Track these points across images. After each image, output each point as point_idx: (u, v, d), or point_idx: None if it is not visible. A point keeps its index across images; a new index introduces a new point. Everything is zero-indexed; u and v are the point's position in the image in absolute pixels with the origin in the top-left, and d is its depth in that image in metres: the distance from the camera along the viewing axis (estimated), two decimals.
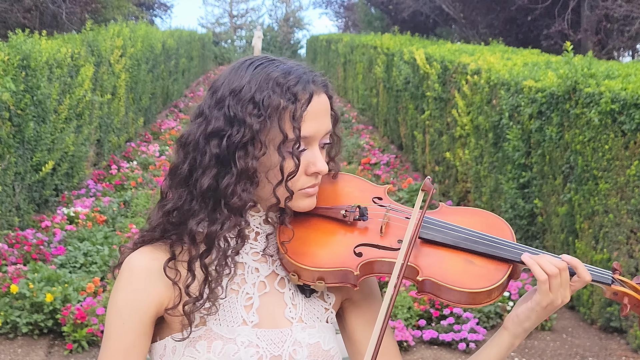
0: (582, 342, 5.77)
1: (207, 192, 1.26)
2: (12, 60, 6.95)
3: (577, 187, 6.01)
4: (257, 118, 1.24)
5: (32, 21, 12.64)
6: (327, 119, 1.31)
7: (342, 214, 1.33)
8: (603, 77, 5.97)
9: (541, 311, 1.31)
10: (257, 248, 1.34)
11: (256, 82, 1.26)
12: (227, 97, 1.26)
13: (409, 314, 5.85)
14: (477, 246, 1.31)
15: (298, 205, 1.31)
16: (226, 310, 1.29)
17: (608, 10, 12.70)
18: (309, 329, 1.32)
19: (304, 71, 1.31)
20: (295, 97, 1.25)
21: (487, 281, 1.28)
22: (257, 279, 1.33)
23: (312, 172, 1.29)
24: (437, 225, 1.34)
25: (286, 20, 37.92)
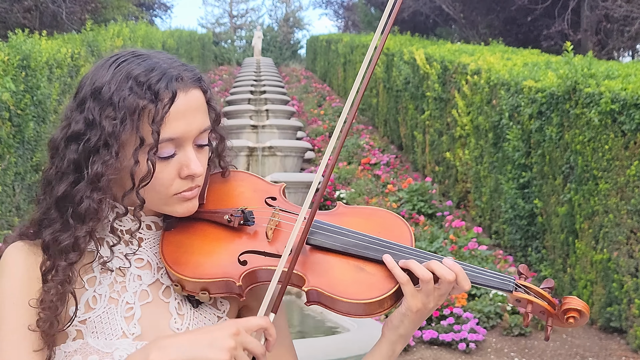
0: (582, 342, 5.77)
1: (61, 199, 1.19)
2: (12, 60, 6.95)
3: (577, 187, 6.01)
4: (112, 120, 1.15)
5: (32, 21, 12.65)
6: (199, 117, 1.21)
7: (227, 219, 1.24)
8: (603, 77, 5.97)
9: (413, 316, 1.22)
10: (141, 254, 1.26)
11: (116, 81, 1.17)
12: (88, 98, 1.19)
13: None
14: (367, 252, 1.21)
15: (176, 211, 1.23)
16: (104, 321, 1.20)
17: (608, 10, 12.70)
18: None
19: (171, 66, 1.21)
20: (156, 97, 1.16)
21: (378, 290, 1.18)
22: (139, 287, 1.24)
23: (186, 174, 1.20)
24: (327, 229, 1.24)
25: (286, 21, 37.93)
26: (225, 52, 33.46)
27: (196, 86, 1.22)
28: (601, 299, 5.80)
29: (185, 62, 1.27)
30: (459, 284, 1.22)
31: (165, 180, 1.20)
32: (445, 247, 7.02)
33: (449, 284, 1.20)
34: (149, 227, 1.28)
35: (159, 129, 1.15)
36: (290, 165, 9.99)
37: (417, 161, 10.90)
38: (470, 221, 8.64)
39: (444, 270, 1.20)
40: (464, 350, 5.62)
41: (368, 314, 1.19)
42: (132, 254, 1.25)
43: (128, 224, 1.26)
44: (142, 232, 1.27)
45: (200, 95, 1.22)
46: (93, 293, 1.22)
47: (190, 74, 1.22)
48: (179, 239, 1.24)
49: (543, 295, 1.24)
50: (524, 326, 1.23)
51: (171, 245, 1.23)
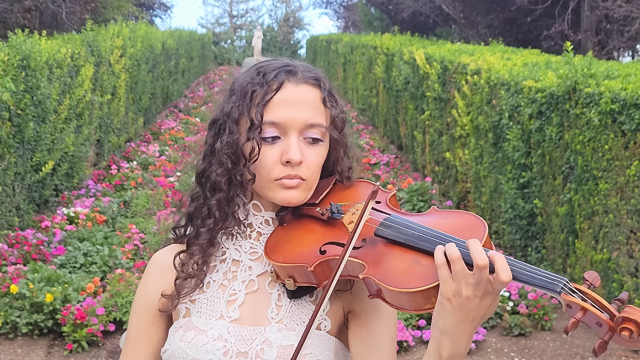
0: (582, 342, 5.77)
1: (200, 175, 1.36)
2: (12, 60, 6.95)
3: (577, 187, 6.01)
4: (231, 104, 1.31)
5: (32, 21, 12.65)
6: (307, 110, 1.29)
7: (319, 212, 1.32)
8: (603, 77, 5.98)
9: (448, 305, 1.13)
10: (257, 248, 1.36)
11: (246, 74, 1.34)
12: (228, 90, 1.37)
13: (408, 314, 5.85)
14: (425, 244, 1.20)
15: (275, 197, 1.31)
16: (209, 303, 1.32)
17: (608, 10, 12.71)
18: (286, 331, 1.29)
19: (295, 65, 1.34)
20: (265, 83, 1.29)
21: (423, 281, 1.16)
22: (248, 277, 1.34)
23: (285, 160, 1.28)
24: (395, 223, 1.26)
25: (286, 21, 37.93)
26: (225, 52, 33.48)
27: (311, 84, 1.33)
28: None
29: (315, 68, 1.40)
30: (497, 274, 1.10)
31: (267, 163, 1.29)
32: None
33: (479, 270, 1.09)
34: (268, 222, 1.37)
35: (262, 110, 1.27)
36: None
37: (417, 161, 10.90)
38: None
39: (476, 253, 1.10)
40: None
41: (416, 308, 1.18)
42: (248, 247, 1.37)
43: (250, 217, 1.37)
44: (262, 227, 1.37)
45: (314, 92, 1.32)
46: (209, 279, 1.35)
47: (309, 73, 1.34)
48: (285, 231, 1.34)
49: (603, 305, 1.10)
50: (564, 332, 1.09)
51: (276, 237, 1.33)
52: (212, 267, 1.37)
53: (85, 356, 5.17)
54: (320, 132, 1.31)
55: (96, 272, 6.25)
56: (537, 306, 6.06)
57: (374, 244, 1.26)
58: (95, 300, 5.47)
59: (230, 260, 1.36)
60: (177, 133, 13.27)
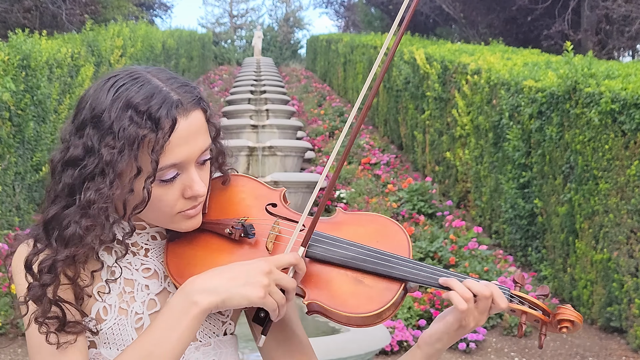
0: (582, 342, 5.77)
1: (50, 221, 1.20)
2: (12, 60, 6.95)
3: (577, 187, 6.01)
4: (111, 149, 1.15)
5: (32, 21, 12.65)
6: (201, 138, 1.21)
7: (228, 232, 1.26)
8: (603, 77, 5.97)
9: (453, 334, 1.26)
10: (149, 264, 1.29)
11: (116, 109, 1.16)
12: (88, 124, 1.18)
13: (409, 314, 5.85)
14: (366, 265, 1.23)
15: (180, 227, 1.25)
16: (115, 333, 1.24)
17: (608, 10, 12.70)
18: (203, 347, 1.27)
19: (171, 89, 1.20)
20: (156, 126, 1.15)
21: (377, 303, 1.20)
22: (147, 296, 1.27)
23: (189, 195, 1.21)
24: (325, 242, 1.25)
25: (286, 20, 37.93)
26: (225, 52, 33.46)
27: (196, 107, 1.21)
28: (601, 299, 5.80)
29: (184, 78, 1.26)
30: (495, 302, 1.23)
31: (169, 202, 1.21)
32: (445, 247, 7.02)
33: (486, 300, 1.22)
34: (154, 237, 1.30)
35: (158, 158, 1.15)
36: (291, 165, 9.99)
37: (417, 161, 10.90)
38: (470, 221, 8.64)
39: (479, 287, 1.22)
40: (464, 350, 5.62)
41: (367, 324, 1.22)
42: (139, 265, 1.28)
43: (134, 237, 1.29)
44: (148, 243, 1.30)
45: (200, 115, 1.22)
46: (103, 304, 1.25)
47: (189, 95, 1.21)
48: (182, 250, 1.27)
49: (537, 304, 1.25)
50: (518, 337, 1.25)
51: (175, 257, 1.26)
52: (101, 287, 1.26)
53: None
54: (209, 151, 1.26)
55: None
56: None
57: None
58: None
59: (122, 279, 1.27)
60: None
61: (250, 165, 9.68)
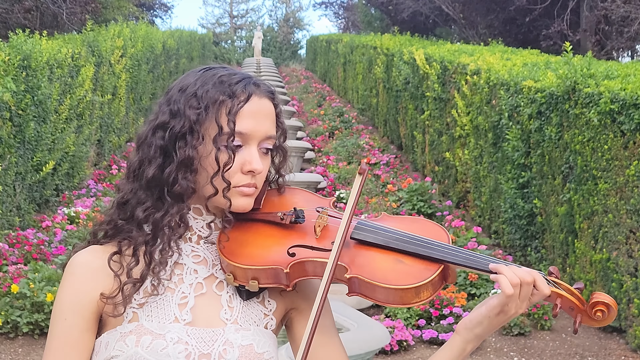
0: (582, 342, 5.78)
1: (151, 181, 1.31)
2: (13, 60, 6.97)
3: (576, 187, 6.02)
4: (195, 110, 1.29)
5: (32, 22, 12.67)
6: (267, 123, 1.34)
7: (280, 217, 1.35)
8: (602, 77, 5.98)
9: (494, 318, 1.28)
10: (199, 251, 1.36)
11: (202, 80, 1.32)
12: (175, 94, 1.33)
13: (408, 314, 5.86)
14: (407, 246, 1.31)
15: (232, 203, 1.32)
16: (159, 307, 1.30)
17: (607, 10, 12.72)
18: (242, 331, 1.32)
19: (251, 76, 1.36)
20: (233, 94, 1.30)
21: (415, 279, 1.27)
22: (195, 280, 1.34)
23: (247, 170, 1.31)
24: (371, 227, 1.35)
25: (286, 21, 37.93)
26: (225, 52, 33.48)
27: (269, 97, 1.35)
28: None
29: None
30: (538, 288, 1.26)
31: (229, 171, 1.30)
32: None
33: (528, 286, 1.25)
34: (209, 226, 1.36)
35: (235, 119, 1.29)
36: (290, 165, 10.00)
37: (416, 161, 10.91)
38: (469, 221, 8.66)
39: (523, 273, 1.25)
40: None
41: (405, 302, 1.28)
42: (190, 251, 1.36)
43: (190, 221, 1.36)
44: (202, 231, 1.37)
45: (271, 106, 1.35)
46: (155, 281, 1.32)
47: (265, 86, 1.36)
48: (235, 235, 1.35)
49: (572, 291, 1.28)
50: (553, 316, 1.28)
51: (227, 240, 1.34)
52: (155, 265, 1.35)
53: None
54: (272, 144, 1.37)
55: None
56: (537, 306, 6.07)
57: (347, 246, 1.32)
58: None
59: (172, 262, 1.34)
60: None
61: None
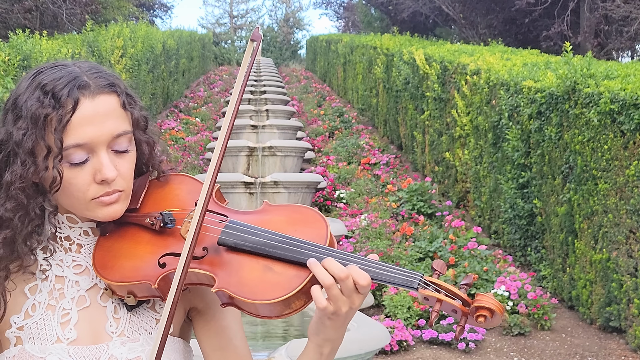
0: (582, 342, 5.78)
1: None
2: (13, 60, 6.97)
3: (576, 187, 6.02)
4: (20, 130, 1.18)
5: (32, 22, 12.67)
6: (110, 122, 1.21)
7: (149, 222, 1.26)
8: (602, 77, 5.99)
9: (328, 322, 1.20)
10: (80, 260, 1.29)
11: (28, 92, 1.20)
12: (9, 110, 1.22)
13: (408, 314, 5.86)
14: (276, 251, 1.21)
15: (97, 215, 1.24)
16: (40, 328, 1.24)
17: (607, 11, 12.72)
18: (130, 343, 1.26)
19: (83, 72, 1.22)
20: (59, 104, 1.17)
21: (282, 290, 1.16)
22: (77, 293, 1.27)
23: (100, 179, 1.21)
24: (238, 229, 1.24)
25: (286, 21, 37.95)
26: (225, 52, 33.49)
27: (107, 92, 1.22)
28: (600, 299, 5.81)
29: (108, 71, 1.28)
30: (356, 281, 1.16)
31: (81, 186, 1.21)
32: (444, 247, 7.04)
33: (344, 282, 1.16)
34: (87, 233, 1.30)
35: (62, 136, 1.17)
36: (290, 165, 10.00)
37: (416, 161, 10.91)
38: (469, 221, 8.66)
39: (336, 269, 1.16)
40: (464, 350, 5.63)
41: (276, 314, 1.18)
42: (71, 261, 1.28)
43: (66, 230, 1.29)
44: (81, 239, 1.30)
45: (112, 99, 1.23)
46: (33, 301, 1.26)
47: (102, 80, 1.23)
48: (110, 243, 1.27)
49: (455, 293, 1.18)
50: (429, 325, 1.20)
51: (102, 250, 1.26)
52: (32, 288, 1.27)
53: None
54: (128, 139, 1.25)
55: None
56: (537, 306, 6.07)
57: (217, 252, 1.23)
58: None
59: (53, 277, 1.27)
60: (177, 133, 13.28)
61: (250, 165, 9.70)
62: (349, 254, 1.21)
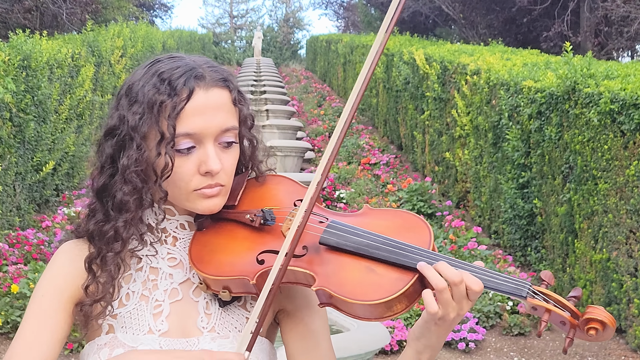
0: (582, 342, 5.79)
1: (101, 191, 1.25)
2: (13, 60, 6.96)
3: (576, 187, 6.02)
4: (136, 115, 1.21)
5: (32, 22, 12.67)
6: (220, 115, 1.23)
7: (249, 219, 1.26)
8: (602, 77, 5.98)
9: (434, 327, 1.18)
10: (175, 254, 1.29)
11: (145, 79, 1.23)
12: (123, 95, 1.25)
13: (408, 314, 5.86)
14: (379, 252, 1.18)
15: (196, 207, 1.25)
16: (133, 317, 1.25)
17: (607, 11, 12.72)
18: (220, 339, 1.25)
19: (199, 65, 1.25)
20: (174, 92, 1.20)
21: (385, 292, 1.14)
22: (170, 285, 1.27)
23: (204, 171, 1.22)
24: (340, 229, 1.23)
25: (286, 21, 37.95)
26: (225, 52, 33.48)
27: (221, 86, 1.25)
28: (600, 299, 5.81)
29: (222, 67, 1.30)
30: (469, 287, 1.15)
31: (184, 175, 1.22)
32: (445, 246, 7.04)
33: (457, 286, 1.15)
34: (183, 226, 1.31)
35: (175, 123, 1.19)
36: (290, 165, 10.00)
37: (416, 161, 10.91)
38: (469, 221, 8.66)
39: (449, 272, 1.15)
40: (464, 350, 5.63)
41: (377, 317, 1.17)
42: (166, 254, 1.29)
43: (163, 222, 1.30)
44: (177, 232, 1.31)
45: (224, 94, 1.25)
46: (127, 290, 1.27)
47: (216, 74, 1.25)
48: (207, 238, 1.27)
49: (564, 304, 1.14)
50: (537, 335, 1.16)
51: (199, 245, 1.26)
52: (127, 277, 1.28)
53: None
54: (234, 135, 1.26)
55: None
56: None
57: (317, 251, 1.21)
58: None
59: (148, 267, 1.28)
60: None
61: None
62: (455, 259, 1.19)
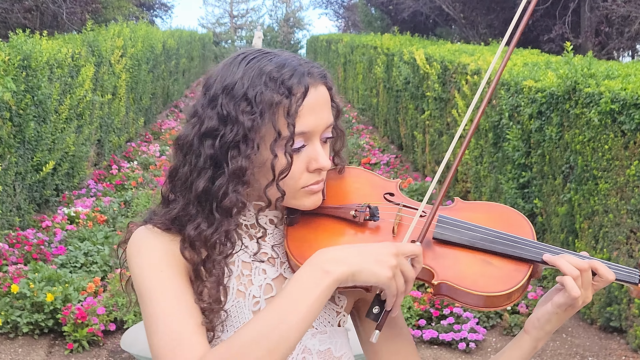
0: (582, 342, 5.78)
1: (202, 195, 1.21)
2: (13, 60, 6.96)
3: (577, 187, 6.02)
4: (249, 115, 1.18)
5: (32, 21, 12.67)
6: (326, 112, 1.24)
7: (352, 215, 1.26)
8: (603, 77, 5.98)
9: (562, 313, 1.25)
10: (266, 249, 1.29)
11: (249, 78, 1.20)
12: (220, 94, 1.21)
13: (409, 314, 5.86)
14: (494, 246, 1.23)
15: (303, 204, 1.25)
16: (233, 315, 1.24)
17: (608, 10, 12.71)
18: (319, 335, 1.26)
19: (300, 63, 1.24)
20: (289, 92, 1.19)
21: (506, 283, 1.21)
22: (264, 281, 1.27)
23: (314, 168, 1.23)
24: (452, 224, 1.27)
25: (286, 21, 37.97)
26: (225, 52, 33.51)
27: (322, 82, 1.25)
28: (601, 299, 5.81)
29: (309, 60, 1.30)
30: (603, 276, 1.25)
31: (294, 174, 1.22)
32: None
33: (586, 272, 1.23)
34: (272, 221, 1.30)
35: (294, 122, 1.19)
36: None
37: (417, 161, 10.91)
38: None
39: (577, 260, 1.23)
40: (464, 350, 5.62)
41: (496, 306, 1.22)
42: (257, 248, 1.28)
43: (252, 218, 1.29)
44: (267, 226, 1.30)
45: (325, 91, 1.26)
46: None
47: (317, 70, 1.25)
48: (303, 234, 1.27)
49: None
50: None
51: (296, 240, 1.26)
52: None
53: (86, 356, 5.17)
54: (332, 129, 1.28)
55: (97, 272, 6.26)
56: None
57: (428, 247, 1.24)
58: (95, 300, 5.47)
59: (240, 262, 1.27)
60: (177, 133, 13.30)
61: None
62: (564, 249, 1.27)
